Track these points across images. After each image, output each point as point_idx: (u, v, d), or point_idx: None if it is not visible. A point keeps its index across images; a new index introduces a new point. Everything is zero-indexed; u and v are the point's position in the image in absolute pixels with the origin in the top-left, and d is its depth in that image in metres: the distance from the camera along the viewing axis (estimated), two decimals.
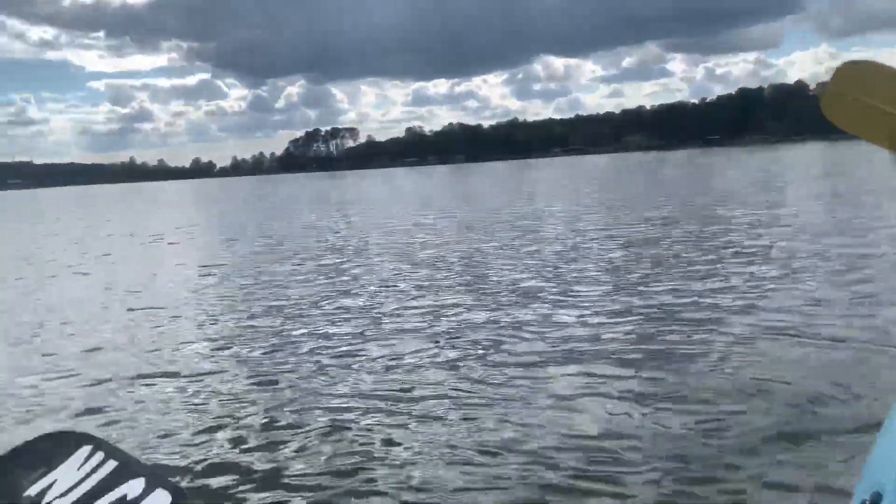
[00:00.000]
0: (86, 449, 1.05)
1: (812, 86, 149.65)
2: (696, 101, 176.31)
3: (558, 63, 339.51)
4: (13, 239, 24.79)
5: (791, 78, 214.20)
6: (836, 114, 1.83)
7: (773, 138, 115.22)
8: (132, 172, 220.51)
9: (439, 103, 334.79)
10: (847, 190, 19.86)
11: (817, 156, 44.01)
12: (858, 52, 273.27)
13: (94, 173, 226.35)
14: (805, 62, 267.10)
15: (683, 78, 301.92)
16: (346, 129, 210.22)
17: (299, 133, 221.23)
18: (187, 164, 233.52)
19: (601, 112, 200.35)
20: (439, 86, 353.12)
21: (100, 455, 1.04)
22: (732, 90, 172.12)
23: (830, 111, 1.83)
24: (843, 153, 45.65)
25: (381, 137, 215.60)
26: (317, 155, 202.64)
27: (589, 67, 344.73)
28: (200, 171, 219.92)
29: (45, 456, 1.04)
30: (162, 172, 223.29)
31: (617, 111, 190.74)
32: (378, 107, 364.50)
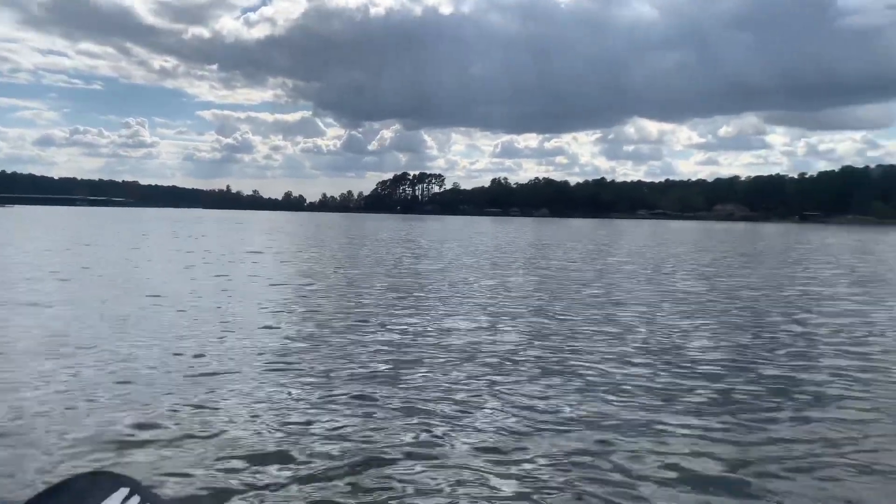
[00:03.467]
0: (122, 492, 1.02)
1: None
2: (794, 175, 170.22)
3: (652, 126, 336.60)
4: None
5: None
6: None
7: (877, 220, 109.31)
8: (227, 199, 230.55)
9: (527, 157, 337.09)
10: None
11: None
12: None
13: (192, 197, 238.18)
14: None
15: (783, 151, 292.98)
16: (433, 175, 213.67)
17: (388, 175, 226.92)
18: (279, 197, 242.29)
19: (693, 178, 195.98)
20: (529, 139, 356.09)
21: (136, 500, 1.01)
22: (836, 167, 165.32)
23: None
24: None
25: (466, 186, 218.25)
26: (402, 197, 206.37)
27: (685, 134, 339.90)
28: (291, 204, 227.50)
29: (80, 497, 1.00)
30: (255, 202, 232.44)
31: (710, 179, 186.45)
32: (466, 156, 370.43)
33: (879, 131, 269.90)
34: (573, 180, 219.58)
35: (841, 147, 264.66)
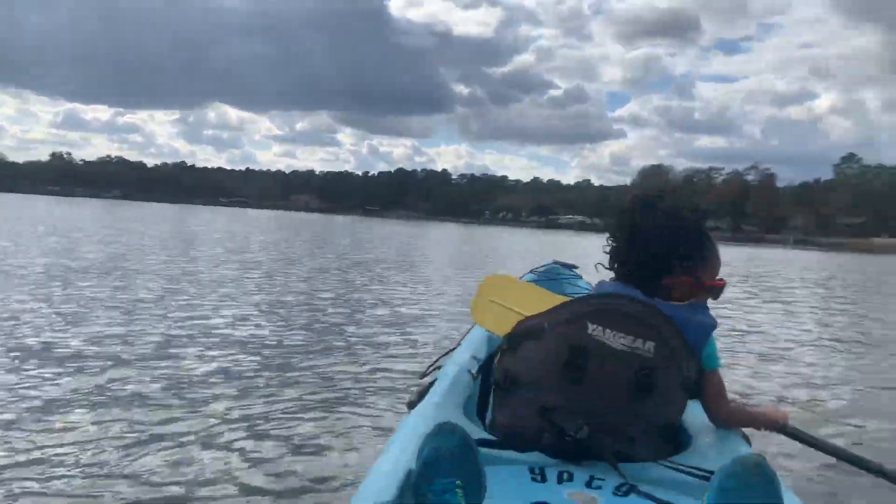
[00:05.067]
0: None
1: (455, 175, 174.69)
2: (360, 172, 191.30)
3: (233, 113, 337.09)
4: None
5: (439, 166, 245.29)
6: (479, 313, 2.21)
7: (420, 215, 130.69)
8: None
9: (96, 131, 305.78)
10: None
11: (453, 233, 53.03)
12: (490, 154, 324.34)
13: None
14: (450, 155, 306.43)
15: (351, 150, 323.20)
16: None
17: None
18: None
19: (273, 169, 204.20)
20: (98, 112, 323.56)
21: None
22: (392, 168, 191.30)
23: (476, 312, 2.23)
24: (472, 233, 55.69)
25: (16, 158, 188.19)
26: None
27: (265, 124, 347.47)
28: None
29: None
30: None
31: (287, 171, 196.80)
32: (17, 122, 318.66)
33: (424, 140, 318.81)
34: (150, 161, 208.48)
35: (396, 151, 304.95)
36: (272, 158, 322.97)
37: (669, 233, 1.79)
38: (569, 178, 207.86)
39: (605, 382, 1.63)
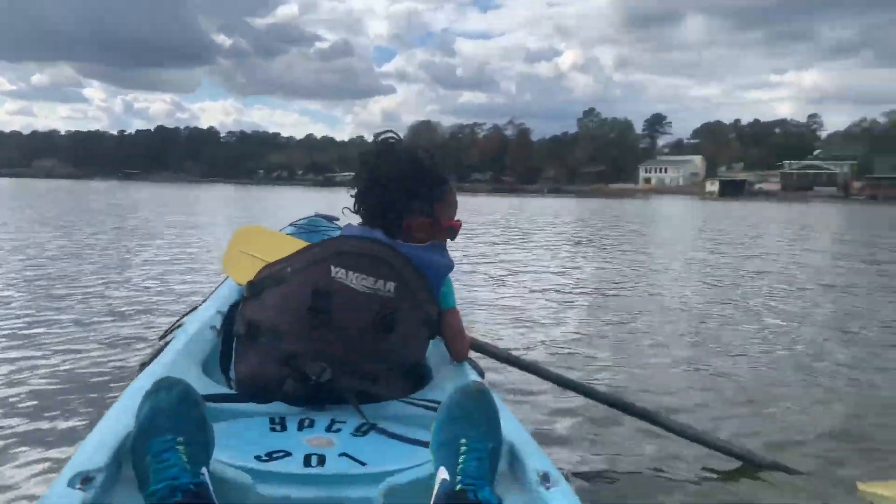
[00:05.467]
0: None
1: (223, 133, 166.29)
2: (114, 132, 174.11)
3: None
4: None
5: (205, 123, 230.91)
6: (228, 264, 2.18)
7: (189, 177, 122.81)
8: None
9: None
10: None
11: (226, 195, 51.18)
12: (260, 109, 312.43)
13: None
14: (216, 111, 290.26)
15: (101, 107, 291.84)
16: None
17: None
18: None
19: (7, 130, 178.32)
20: None
21: None
22: (151, 126, 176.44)
23: (226, 264, 2.20)
24: (246, 194, 54.09)
25: None
26: None
27: None
28: None
29: None
30: None
31: (26, 132, 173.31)
32: None
33: (186, 95, 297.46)
34: None
35: (154, 107, 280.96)
36: (5, 118, 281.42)
37: (408, 174, 1.86)
38: (343, 134, 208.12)
39: (348, 325, 1.65)
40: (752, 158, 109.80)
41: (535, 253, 12.65)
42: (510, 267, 9.95)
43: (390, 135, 1.97)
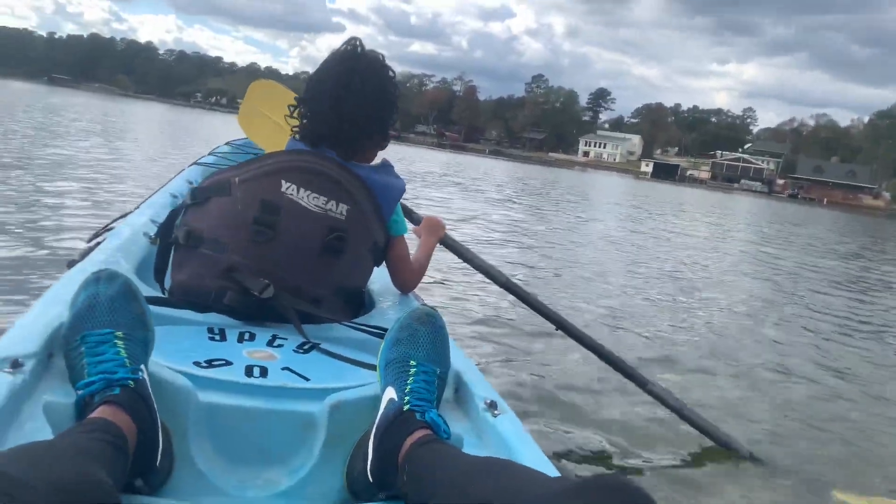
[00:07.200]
0: None
1: (162, 51, 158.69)
2: (43, 33, 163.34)
3: None
4: None
5: (142, 37, 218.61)
6: (245, 119, 2.11)
7: (121, 91, 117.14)
8: None
9: None
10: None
11: (161, 114, 49.39)
12: (202, 30, 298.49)
13: None
14: (157, 26, 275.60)
15: (31, 6, 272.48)
16: None
17: None
18: None
19: None
20: None
21: None
22: (84, 32, 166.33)
23: (242, 118, 2.12)
24: (181, 115, 52.37)
25: None
26: None
27: None
28: None
29: None
30: None
31: None
32: None
33: (124, 4, 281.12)
34: None
35: (89, 13, 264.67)
36: None
37: (384, 103, 1.76)
38: (288, 68, 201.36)
39: (295, 243, 1.60)
40: (688, 143, 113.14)
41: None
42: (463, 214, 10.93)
43: (371, 51, 1.79)
